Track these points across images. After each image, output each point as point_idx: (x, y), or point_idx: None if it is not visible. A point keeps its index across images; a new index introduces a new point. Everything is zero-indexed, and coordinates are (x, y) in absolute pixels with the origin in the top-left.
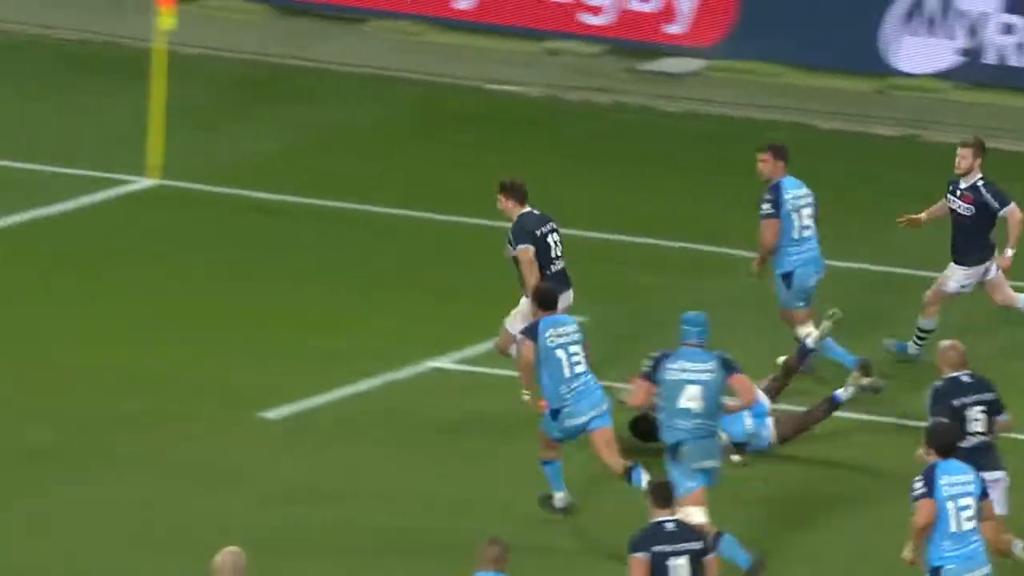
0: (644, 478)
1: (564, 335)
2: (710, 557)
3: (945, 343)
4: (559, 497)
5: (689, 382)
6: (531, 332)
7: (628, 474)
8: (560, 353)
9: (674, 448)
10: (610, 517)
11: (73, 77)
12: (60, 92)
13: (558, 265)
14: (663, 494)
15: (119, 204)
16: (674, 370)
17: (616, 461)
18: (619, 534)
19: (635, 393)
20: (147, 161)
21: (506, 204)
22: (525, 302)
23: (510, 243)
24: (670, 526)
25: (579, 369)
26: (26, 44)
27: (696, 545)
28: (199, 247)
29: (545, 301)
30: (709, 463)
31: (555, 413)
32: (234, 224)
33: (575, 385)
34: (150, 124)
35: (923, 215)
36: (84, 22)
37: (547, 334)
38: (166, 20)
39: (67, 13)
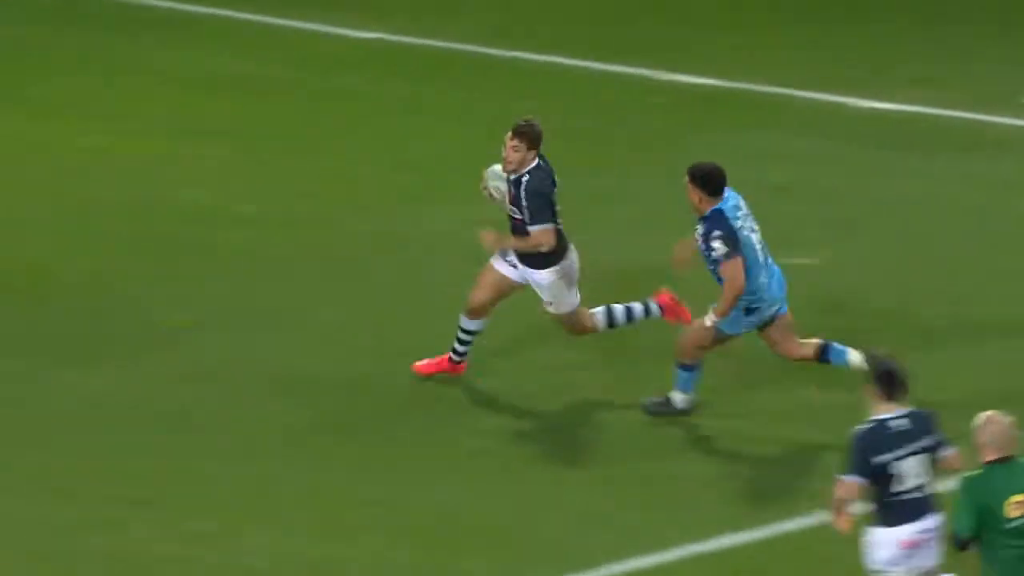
0: (851, 353)
1: (746, 214)
2: None
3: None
4: (684, 398)
5: None
6: (733, 238)
7: (824, 353)
8: (753, 238)
9: None
10: None
11: None
12: None
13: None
14: None
15: None
16: None
17: (797, 345)
18: None
19: None
20: None
21: (526, 156)
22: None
23: (522, 200)
24: None
25: (766, 251)
26: None
27: None
28: None
29: (718, 185)
30: None
31: (750, 311)
32: None
33: (769, 271)
34: None
35: None
36: None
37: (737, 223)
38: None
39: None
